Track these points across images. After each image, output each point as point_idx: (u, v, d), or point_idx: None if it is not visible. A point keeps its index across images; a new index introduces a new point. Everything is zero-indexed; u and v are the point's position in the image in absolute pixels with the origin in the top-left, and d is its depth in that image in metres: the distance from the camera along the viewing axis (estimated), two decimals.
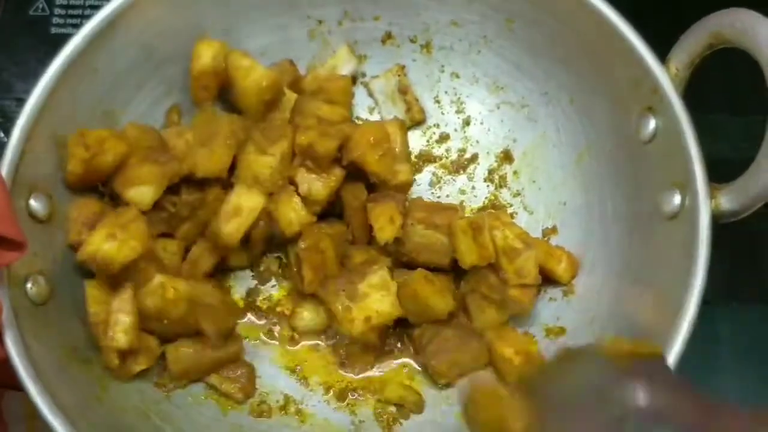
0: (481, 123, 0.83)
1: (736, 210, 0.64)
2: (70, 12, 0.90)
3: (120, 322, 0.65)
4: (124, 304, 0.65)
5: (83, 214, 0.68)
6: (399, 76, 0.82)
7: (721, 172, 0.66)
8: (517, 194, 0.81)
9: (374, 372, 0.74)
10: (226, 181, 0.72)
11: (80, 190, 0.69)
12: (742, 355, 0.81)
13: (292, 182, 0.73)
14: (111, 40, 0.69)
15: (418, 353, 0.74)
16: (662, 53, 0.69)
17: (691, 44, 0.67)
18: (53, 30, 0.89)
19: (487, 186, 0.82)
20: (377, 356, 0.74)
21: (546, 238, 0.78)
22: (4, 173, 0.63)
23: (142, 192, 0.68)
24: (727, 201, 0.64)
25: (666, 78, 0.67)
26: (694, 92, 0.68)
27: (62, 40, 0.68)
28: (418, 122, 0.83)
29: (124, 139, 0.69)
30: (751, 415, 0.50)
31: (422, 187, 0.82)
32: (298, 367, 0.75)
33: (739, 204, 0.64)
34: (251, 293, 0.77)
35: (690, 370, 0.77)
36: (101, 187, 0.71)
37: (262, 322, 0.76)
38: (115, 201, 0.70)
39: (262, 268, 0.78)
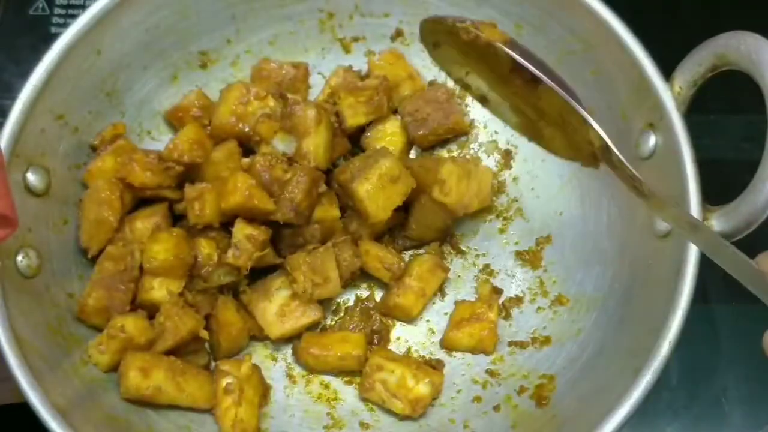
0: (485, 127, 0.82)
1: (728, 232, 0.64)
2: (70, 12, 0.91)
3: None
4: None
5: None
6: None
7: (721, 172, 0.65)
8: (515, 200, 0.81)
9: None
10: None
11: None
12: (742, 355, 0.81)
13: None
14: (115, 23, 0.70)
15: None
16: (667, 71, 0.68)
17: (696, 64, 0.66)
18: (53, 30, 0.90)
19: None
20: None
21: (540, 247, 0.79)
22: (3, 146, 0.64)
23: None
24: (719, 223, 0.64)
25: (669, 96, 0.67)
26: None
27: None
28: None
29: None
30: None
31: None
32: None
33: (731, 227, 0.63)
34: None
35: (690, 370, 0.78)
36: None
37: None
38: None
39: None
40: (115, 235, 0.70)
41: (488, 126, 0.82)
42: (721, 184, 0.66)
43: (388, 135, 0.78)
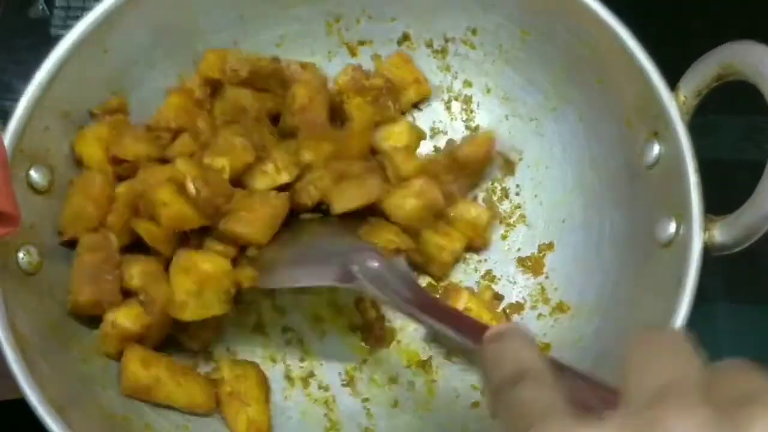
0: None
1: (730, 244, 0.64)
2: (70, 13, 0.90)
3: None
4: None
5: None
6: None
7: (720, 173, 0.65)
8: (518, 207, 0.81)
9: None
10: None
11: None
12: (742, 355, 0.80)
13: None
14: (123, 22, 0.70)
15: None
16: (673, 80, 0.68)
17: (701, 74, 0.66)
18: (53, 31, 0.90)
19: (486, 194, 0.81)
20: None
21: (542, 254, 0.78)
22: (6, 142, 0.64)
23: None
24: (720, 234, 0.64)
25: (673, 105, 0.67)
26: None
27: None
28: None
29: None
30: None
31: None
32: None
33: (733, 238, 0.63)
34: None
35: None
36: None
37: None
38: None
39: None
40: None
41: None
42: (721, 185, 0.66)
43: (395, 134, 0.78)
